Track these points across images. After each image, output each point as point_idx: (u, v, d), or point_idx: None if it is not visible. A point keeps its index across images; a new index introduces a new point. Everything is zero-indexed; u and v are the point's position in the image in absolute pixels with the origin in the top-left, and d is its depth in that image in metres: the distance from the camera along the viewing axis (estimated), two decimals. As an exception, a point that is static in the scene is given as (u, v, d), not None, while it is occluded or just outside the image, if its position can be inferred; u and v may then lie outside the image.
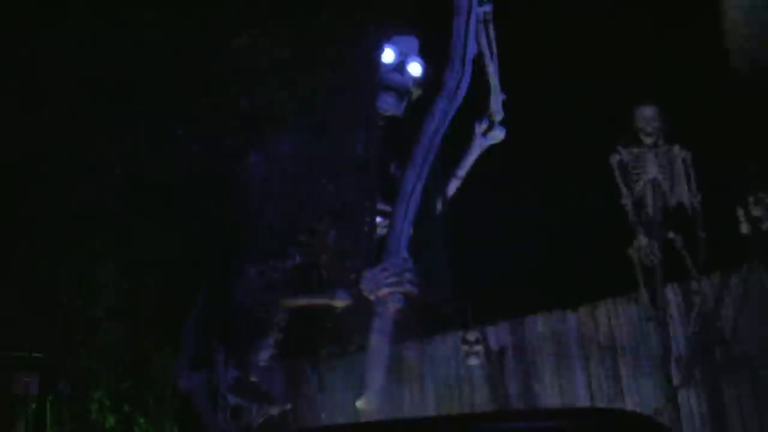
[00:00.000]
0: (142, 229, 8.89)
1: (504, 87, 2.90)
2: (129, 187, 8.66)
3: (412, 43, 2.97)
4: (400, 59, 2.92)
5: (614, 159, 6.61)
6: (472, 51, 2.81)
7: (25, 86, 8.21)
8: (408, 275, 2.86)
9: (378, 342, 2.84)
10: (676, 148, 6.55)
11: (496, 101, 2.89)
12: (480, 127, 2.99)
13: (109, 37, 8.36)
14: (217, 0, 8.47)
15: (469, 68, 2.81)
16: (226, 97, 8.63)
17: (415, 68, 2.96)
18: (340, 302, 2.89)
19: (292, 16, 8.54)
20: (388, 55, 2.95)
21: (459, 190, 3.49)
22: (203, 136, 8.75)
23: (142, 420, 9.11)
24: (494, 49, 2.88)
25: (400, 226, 2.84)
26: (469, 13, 2.76)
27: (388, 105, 2.91)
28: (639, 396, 6.72)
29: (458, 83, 2.76)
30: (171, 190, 8.46)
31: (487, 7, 2.82)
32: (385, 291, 2.82)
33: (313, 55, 8.54)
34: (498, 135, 2.93)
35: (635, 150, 6.58)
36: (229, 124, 8.67)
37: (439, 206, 3.18)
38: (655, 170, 6.52)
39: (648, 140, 6.57)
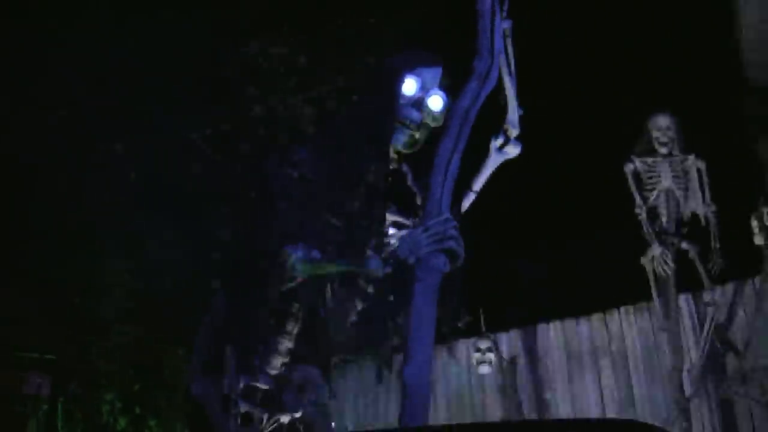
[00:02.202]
0: (155, 231, 8.90)
1: (519, 100, 2.89)
2: (142, 189, 8.67)
3: (437, 74, 2.87)
4: (421, 93, 2.82)
5: (628, 168, 6.60)
6: (499, 46, 2.76)
7: (36, 86, 8.24)
8: (451, 232, 2.70)
9: (422, 309, 2.68)
10: (691, 158, 6.54)
11: (513, 116, 2.86)
12: (496, 142, 2.95)
13: (122, 39, 8.39)
14: (232, 3, 8.48)
15: (497, 61, 2.75)
16: (239, 101, 8.65)
17: (435, 102, 2.86)
18: (374, 271, 2.71)
19: (307, 20, 8.55)
20: (409, 86, 2.83)
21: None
22: (217, 139, 8.78)
23: (153, 422, 9.12)
24: (513, 65, 2.84)
25: (438, 191, 2.71)
26: (492, 12, 2.73)
27: (399, 143, 2.82)
28: (651, 406, 6.70)
29: (488, 69, 2.69)
30: (184, 192, 8.48)
31: (506, 24, 2.77)
32: (425, 250, 2.65)
33: (326, 60, 8.55)
34: (514, 150, 2.90)
35: (649, 159, 6.57)
36: (243, 128, 8.69)
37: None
38: (669, 180, 6.50)
39: (662, 150, 6.56)
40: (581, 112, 8.29)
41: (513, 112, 2.94)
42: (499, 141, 3.01)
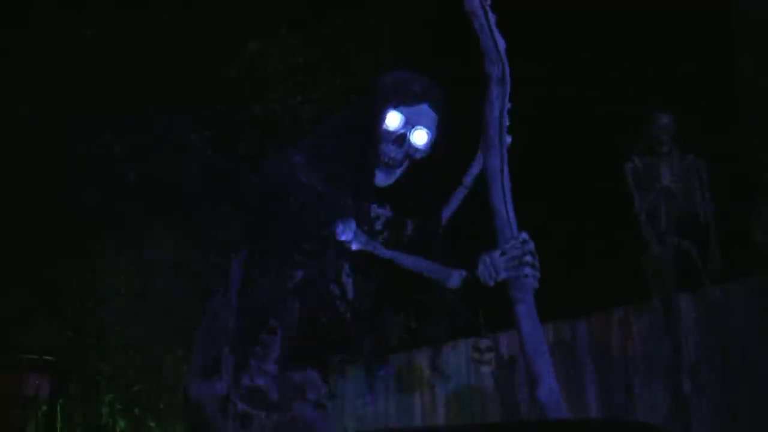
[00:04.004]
0: (155, 232, 8.91)
1: (512, 94, 2.85)
2: (142, 190, 8.68)
3: (425, 114, 2.80)
4: (404, 129, 2.75)
5: (628, 167, 6.60)
6: (502, 44, 2.73)
7: (36, 85, 8.24)
8: (528, 258, 2.69)
9: (534, 329, 2.69)
10: (691, 157, 6.54)
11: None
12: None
13: (123, 39, 8.40)
14: (231, 4, 8.49)
15: (506, 58, 2.73)
16: (239, 101, 8.65)
17: (419, 136, 2.79)
18: (452, 286, 2.71)
19: (306, 21, 8.56)
20: (392, 120, 2.76)
21: (468, 195, 3.44)
22: (216, 139, 8.79)
23: (152, 424, 9.12)
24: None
25: (502, 208, 2.70)
26: (484, 9, 2.70)
27: (378, 180, 2.81)
28: (650, 405, 6.69)
29: (502, 70, 2.67)
30: (184, 193, 8.49)
31: (492, 18, 2.75)
32: (502, 276, 2.64)
33: (324, 61, 8.56)
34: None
35: (649, 158, 6.57)
36: (242, 129, 8.69)
37: (448, 214, 3.12)
38: (668, 178, 6.50)
39: (662, 149, 6.55)
40: (580, 111, 8.29)
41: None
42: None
